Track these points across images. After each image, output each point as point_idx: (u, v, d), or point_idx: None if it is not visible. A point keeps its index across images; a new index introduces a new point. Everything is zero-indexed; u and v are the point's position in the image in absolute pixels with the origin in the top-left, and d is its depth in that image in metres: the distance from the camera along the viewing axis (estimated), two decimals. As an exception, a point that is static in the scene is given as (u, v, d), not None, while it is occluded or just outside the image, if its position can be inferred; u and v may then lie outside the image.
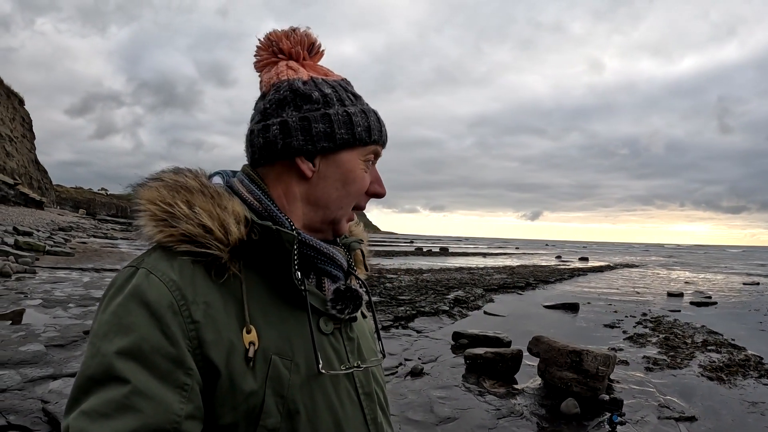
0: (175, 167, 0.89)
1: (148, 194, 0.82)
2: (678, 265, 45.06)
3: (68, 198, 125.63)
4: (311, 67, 0.95)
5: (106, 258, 18.51)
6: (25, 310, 8.11)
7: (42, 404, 4.35)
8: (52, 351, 5.93)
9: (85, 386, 0.68)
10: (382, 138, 0.95)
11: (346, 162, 0.90)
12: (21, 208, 43.01)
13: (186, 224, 0.79)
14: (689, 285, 23.74)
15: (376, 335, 1.05)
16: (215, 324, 0.75)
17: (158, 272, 0.76)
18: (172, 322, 0.72)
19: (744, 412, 6.07)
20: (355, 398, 0.87)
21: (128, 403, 0.65)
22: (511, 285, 18.91)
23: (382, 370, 1.03)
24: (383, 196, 0.96)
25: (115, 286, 0.77)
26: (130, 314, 0.71)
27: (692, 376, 7.55)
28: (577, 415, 5.53)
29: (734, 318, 13.68)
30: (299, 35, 0.94)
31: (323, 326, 0.87)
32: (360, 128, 0.90)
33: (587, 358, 6.06)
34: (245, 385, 0.74)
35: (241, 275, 0.81)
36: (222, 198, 0.83)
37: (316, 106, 0.89)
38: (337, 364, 0.86)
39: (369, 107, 0.95)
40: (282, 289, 0.83)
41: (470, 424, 5.23)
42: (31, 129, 67.84)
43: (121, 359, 0.68)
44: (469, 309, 12.96)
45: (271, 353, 0.78)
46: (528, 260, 42.13)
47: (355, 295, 0.89)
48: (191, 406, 0.70)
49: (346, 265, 0.95)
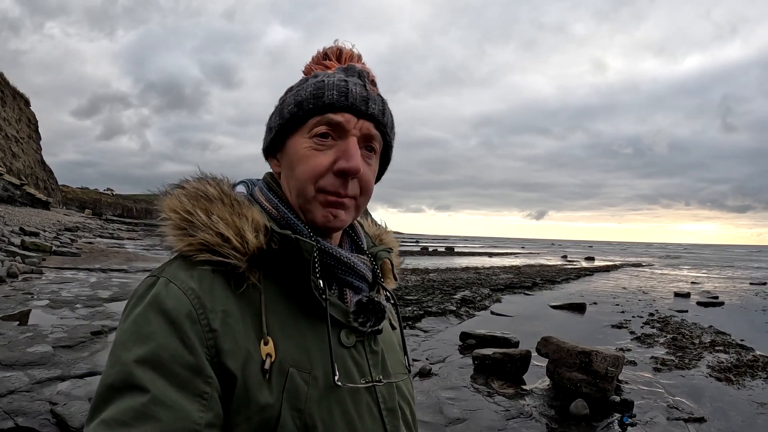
0: (199, 175, 0.88)
1: (170, 203, 0.82)
2: (684, 265, 44.91)
3: (74, 198, 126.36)
4: (321, 64, 0.94)
5: (112, 258, 18.57)
6: (31, 311, 8.15)
7: (50, 406, 4.35)
8: (59, 352, 5.94)
9: (105, 395, 0.68)
10: (327, 102, 0.83)
11: (290, 146, 0.86)
12: (27, 208, 43.25)
13: (204, 233, 0.78)
14: (696, 285, 23.64)
15: (404, 348, 1.01)
16: (233, 333, 0.74)
17: (178, 281, 0.75)
18: (191, 331, 0.71)
19: (753, 413, 6.03)
20: (376, 413, 0.84)
21: (147, 412, 0.65)
22: (518, 285, 18.89)
23: (411, 384, 0.99)
24: (351, 170, 0.81)
25: (137, 296, 0.77)
26: (149, 323, 0.71)
27: (701, 377, 7.51)
28: (586, 416, 5.51)
29: (742, 318, 13.62)
30: (333, 46, 0.95)
31: (344, 339, 0.84)
32: (291, 106, 0.85)
33: (596, 358, 6.02)
34: (261, 397, 0.73)
35: (260, 285, 0.79)
36: (242, 206, 0.82)
37: (277, 104, 0.91)
38: (358, 378, 0.83)
39: (324, 77, 0.85)
40: (302, 300, 0.81)
41: (480, 425, 5.21)
42: (37, 130, 68.25)
43: (140, 368, 0.67)
44: (476, 309, 12.95)
45: (288, 365, 0.76)
46: (534, 260, 42.08)
47: (379, 307, 0.86)
48: (211, 415, 0.69)
49: (370, 275, 0.92)
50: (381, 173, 0.96)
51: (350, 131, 0.84)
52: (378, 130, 0.87)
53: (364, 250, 0.97)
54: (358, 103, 0.84)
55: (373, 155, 0.88)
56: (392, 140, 0.93)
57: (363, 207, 0.90)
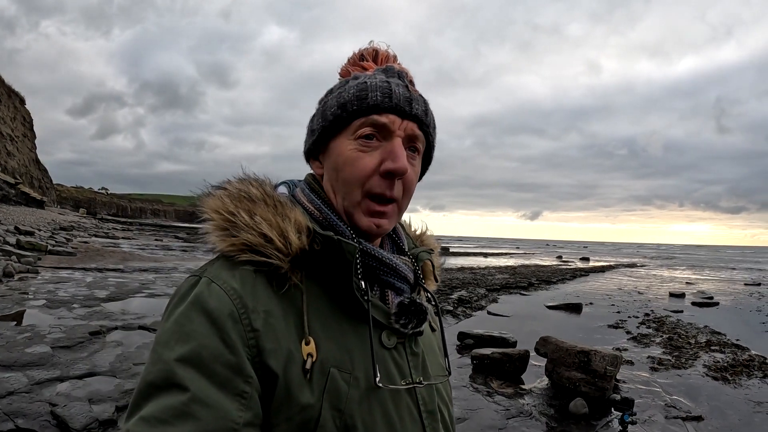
0: (241, 176, 0.88)
1: (213, 203, 0.82)
2: (679, 266, 45.13)
3: (69, 197, 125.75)
4: (359, 65, 0.94)
5: (108, 258, 18.48)
6: (25, 311, 8.11)
7: (50, 407, 4.32)
8: (58, 352, 5.91)
9: (145, 392, 0.68)
10: (371, 103, 0.83)
11: (334, 148, 0.86)
12: (22, 207, 42.99)
13: (247, 234, 0.78)
14: (691, 285, 23.77)
15: (443, 350, 1.01)
16: (275, 333, 0.74)
17: (220, 281, 0.76)
18: (232, 330, 0.71)
19: (750, 412, 6.08)
20: (416, 415, 0.84)
21: (187, 410, 0.65)
22: (514, 285, 18.93)
23: (449, 387, 1.00)
24: (398, 171, 0.81)
25: (179, 295, 0.77)
26: (191, 322, 0.72)
27: (697, 376, 7.56)
28: (585, 415, 5.54)
29: (737, 318, 13.71)
30: (369, 47, 0.95)
31: (385, 340, 0.84)
32: (334, 108, 0.85)
33: (595, 358, 6.06)
34: (302, 396, 0.73)
35: (302, 286, 0.80)
36: (284, 207, 0.82)
37: (318, 106, 0.91)
38: (398, 380, 0.83)
39: (366, 78, 0.86)
40: (344, 302, 0.81)
41: (481, 425, 5.23)
42: (32, 128, 67.85)
43: (181, 366, 0.68)
44: (473, 309, 12.96)
45: (329, 366, 0.76)
46: (529, 260, 42.16)
47: (420, 309, 0.85)
48: (250, 414, 0.69)
49: (412, 277, 0.91)
50: (422, 173, 0.96)
51: (395, 132, 0.84)
52: (421, 130, 0.87)
53: (405, 251, 0.97)
54: (402, 104, 0.84)
55: (416, 155, 0.88)
56: (434, 140, 0.93)
57: (405, 208, 0.90)
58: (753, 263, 55.14)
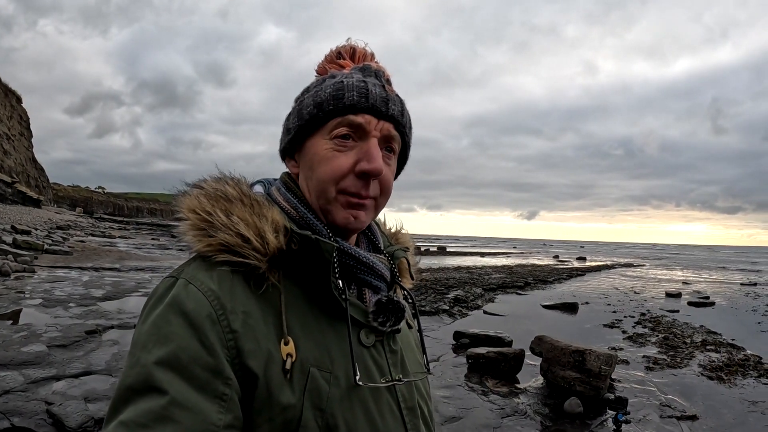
0: (217, 175, 0.87)
1: (189, 203, 0.81)
2: (675, 265, 45.24)
3: (65, 196, 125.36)
4: (336, 63, 0.93)
5: (105, 257, 18.45)
6: (22, 310, 8.10)
7: (46, 406, 4.33)
8: (54, 351, 5.91)
9: (124, 396, 0.67)
10: (348, 103, 0.82)
11: (310, 148, 0.86)
12: (19, 206, 42.88)
13: (224, 234, 0.78)
14: (687, 285, 23.83)
15: (422, 347, 1.02)
16: (254, 334, 0.74)
17: (197, 282, 0.75)
18: (211, 332, 0.71)
19: (744, 411, 6.10)
20: (397, 412, 0.84)
21: (166, 414, 0.64)
22: (510, 284, 18.95)
23: (428, 383, 1.00)
24: (374, 172, 0.81)
25: (156, 297, 0.76)
26: (169, 324, 0.71)
27: (692, 376, 7.59)
28: (580, 414, 5.56)
29: (732, 318, 13.75)
30: (346, 44, 0.95)
31: (364, 339, 0.84)
32: (310, 107, 0.85)
33: (590, 357, 6.08)
34: (283, 397, 0.72)
35: (280, 286, 0.79)
36: (262, 207, 0.82)
37: (294, 105, 0.91)
38: (378, 377, 0.83)
39: (343, 78, 0.85)
40: (322, 301, 0.81)
41: (475, 423, 5.24)
42: (28, 127, 67.67)
43: (160, 369, 0.67)
44: (469, 308, 12.99)
45: (309, 365, 0.76)
46: (526, 260, 42.20)
47: (398, 307, 0.86)
48: (230, 417, 0.69)
49: (388, 275, 0.92)
50: (398, 172, 0.96)
51: (371, 132, 0.83)
52: (397, 130, 0.87)
53: (381, 250, 0.97)
54: (379, 105, 0.84)
55: (392, 156, 0.89)
56: (410, 140, 0.94)
57: (382, 207, 0.91)
58: (749, 263, 55.28)
